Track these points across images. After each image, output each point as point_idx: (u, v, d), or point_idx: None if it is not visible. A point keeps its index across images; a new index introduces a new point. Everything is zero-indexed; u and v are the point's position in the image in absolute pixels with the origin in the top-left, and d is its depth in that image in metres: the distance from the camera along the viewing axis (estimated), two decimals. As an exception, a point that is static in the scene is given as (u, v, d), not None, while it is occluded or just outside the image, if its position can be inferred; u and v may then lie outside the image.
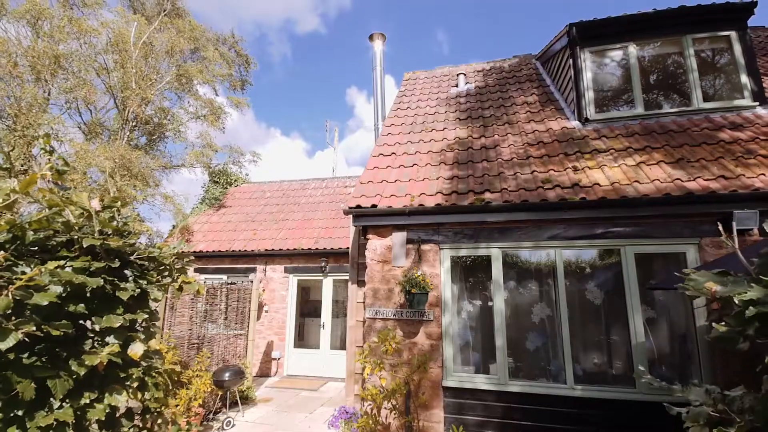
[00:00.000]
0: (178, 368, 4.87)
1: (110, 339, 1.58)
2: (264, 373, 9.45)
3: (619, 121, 5.84)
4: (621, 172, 4.76)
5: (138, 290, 1.67)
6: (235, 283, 7.51)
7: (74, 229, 1.59)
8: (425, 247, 5.02)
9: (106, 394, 1.55)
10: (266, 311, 9.75)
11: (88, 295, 1.56)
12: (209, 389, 5.80)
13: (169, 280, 1.88)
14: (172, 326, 5.96)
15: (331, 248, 9.42)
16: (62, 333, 1.35)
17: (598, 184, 4.60)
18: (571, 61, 6.34)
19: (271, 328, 9.72)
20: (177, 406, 4.61)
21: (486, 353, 4.79)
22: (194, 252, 10.18)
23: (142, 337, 1.66)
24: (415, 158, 6.04)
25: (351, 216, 5.33)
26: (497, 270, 4.75)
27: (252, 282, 7.91)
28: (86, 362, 1.44)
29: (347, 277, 9.06)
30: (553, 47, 7.46)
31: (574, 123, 6.07)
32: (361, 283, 5.81)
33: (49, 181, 1.62)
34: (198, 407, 5.61)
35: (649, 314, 4.49)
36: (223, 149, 13.43)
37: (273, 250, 9.80)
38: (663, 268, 4.58)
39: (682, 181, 4.41)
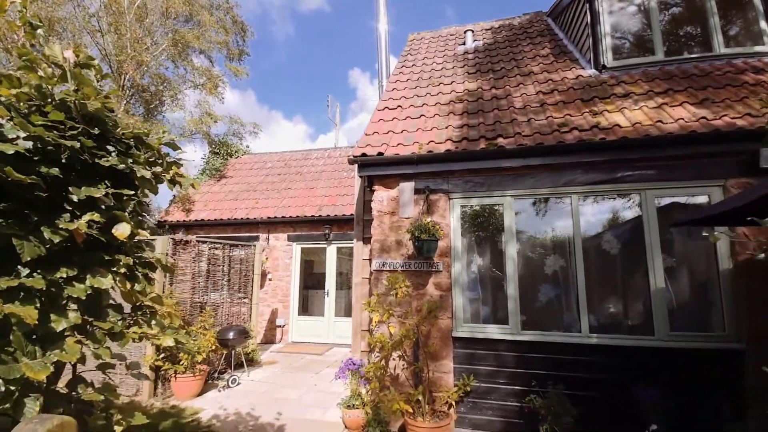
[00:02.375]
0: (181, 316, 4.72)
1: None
2: (269, 341, 9.40)
3: (638, 68, 5.53)
4: (642, 113, 4.49)
5: (122, 165, 1.46)
6: (238, 246, 7.34)
7: (47, 90, 1.38)
8: (434, 196, 4.81)
9: (89, 276, 1.36)
10: (270, 279, 9.63)
11: (63, 161, 1.36)
12: (213, 347, 5.69)
13: (159, 169, 1.67)
14: (174, 284, 5.82)
15: (335, 215, 9.23)
16: (30, 184, 1.15)
17: (619, 125, 4.34)
18: (587, 6, 5.99)
19: (275, 296, 9.62)
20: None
21: (497, 303, 4.63)
22: (195, 220, 10.01)
23: (129, 217, 1.46)
24: (422, 110, 5.77)
25: (356, 166, 5.10)
26: (510, 218, 4.55)
27: (255, 246, 7.76)
28: (61, 226, 1.24)
29: (351, 244, 8.92)
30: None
31: (591, 71, 5.77)
32: (366, 240, 5.62)
33: (21, 38, 1.40)
34: (202, 364, 5.52)
35: (669, 263, 4.29)
36: (223, 118, 13.13)
37: (276, 217, 9.62)
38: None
39: (707, 119, 4.15)
